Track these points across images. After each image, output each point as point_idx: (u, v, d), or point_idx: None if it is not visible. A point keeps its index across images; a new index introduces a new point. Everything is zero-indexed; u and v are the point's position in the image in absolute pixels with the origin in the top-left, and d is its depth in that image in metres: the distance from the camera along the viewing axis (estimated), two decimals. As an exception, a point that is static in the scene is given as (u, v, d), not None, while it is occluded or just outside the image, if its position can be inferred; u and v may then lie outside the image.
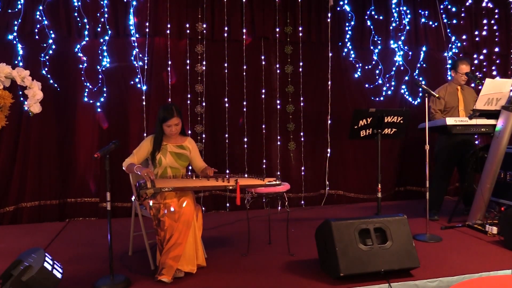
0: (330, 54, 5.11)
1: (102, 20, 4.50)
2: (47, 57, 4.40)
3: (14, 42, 4.32)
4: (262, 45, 4.91)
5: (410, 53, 5.38)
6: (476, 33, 5.65)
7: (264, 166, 4.93)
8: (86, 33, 4.47)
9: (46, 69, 4.39)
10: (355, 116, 3.89)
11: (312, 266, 2.99)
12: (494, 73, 5.74)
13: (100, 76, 4.53)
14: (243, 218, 4.08)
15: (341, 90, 5.17)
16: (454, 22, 5.54)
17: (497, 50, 5.73)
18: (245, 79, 4.86)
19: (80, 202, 4.56)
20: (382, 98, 5.29)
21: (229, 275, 2.87)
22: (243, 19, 4.82)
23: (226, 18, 4.77)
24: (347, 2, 5.11)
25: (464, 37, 5.58)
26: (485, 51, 5.69)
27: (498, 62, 5.77)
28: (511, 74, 5.77)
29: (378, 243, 2.76)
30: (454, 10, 5.53)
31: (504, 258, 3.08)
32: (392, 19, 5.29)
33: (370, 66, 5.25)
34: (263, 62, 4.91)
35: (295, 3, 4.97)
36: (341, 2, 5.10)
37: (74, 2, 4.42)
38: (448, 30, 5.51)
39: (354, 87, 5.23)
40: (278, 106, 4.98)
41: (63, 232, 4.07)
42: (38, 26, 4.36)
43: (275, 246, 3.50)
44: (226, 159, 4.82)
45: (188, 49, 4.73)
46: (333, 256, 2.69)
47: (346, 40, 5.15)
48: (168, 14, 4.63)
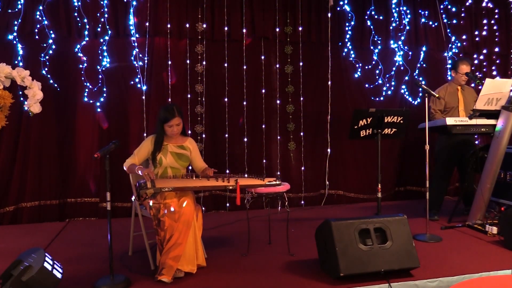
0: (330, 54, 5.11)
1: (102, 20, 4.50)
2: (47, 57, 4.40)
3: (14, 42, 4.32)
4: (262, 45, 4.91)
5: (410, 53, 5.38)
6: (476, 33, 5.65)
7: (264, 166, 4.93)
8: (86, 33, 4.47)
9: (46, 69, 4.39)
10: (355, 116, 3.89)
11: (312, 266, 2.99)
12: (494, 73, 5.74)
13: (100, 76, 4.53)
14: (243, 218, 4.08)
15: (341, 90, 5.17)
16: (454, 22, 5.54)
17: (497, 50, 5.73)
18: (245, 79, 4.86)
19: (80, 202, 4.56)
20: (382, 98, 5.29)
21: (229, 275, 2.87)
22: (243, 19, 4.82)
23: (226, 18, 4.77)
24: (347, 2, 5.11)
25: (464, 37, 5.58)
26: (485, 51, 5.69)
27: (498, 62, 5.77)
28: (511, 74, 5.77)
29: (378, 243, 2.76)
30: (454, 10, 5.53)
31: (504, 258, 3.08)
32: (392, 19, 5.29)
33: (370, 66, 5.25)
34: (263, 62, 4.91)
35: (295, 3, 4.97)
36: (341, 2, 5.10)
37: (74, 2, 4.42)
38: (448, 30, 5.51)
39: (354, 87, 5.23)
40: (278, 106, 4.98)
41: (63, 232, 4.07)
42: (38, 26, 4.36)
43: (275, 246, 3.50)
44: (226, 159, 4.82)
45: (188, 49, 4.73)
46: (333, 256, 2.69)
47: (346, 40, 5.15)
48: (168, 14, 4.64)
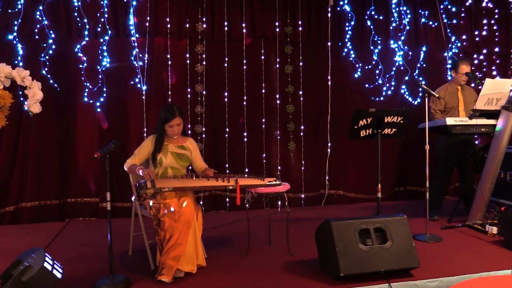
0: (330, 54, 5.11)
1: (102, 20, 4.50)
2: (47, 57, 4.40)
3: (14, 42, 4.32)
4: (262, 45, 4.91)
5: (410, 53, 5.38)
6: (476, 33, 5.65)
7: (264, 166, 4.93)
8: (86, 33, 4.47)
9: (46, 69, 4.39)
10: (355, 116, 3.89)
11: (312, 266, 2.99)
12: (494, 73, 5.74)
13: (100, 76, 4.53)
14: (243, 218, 4.08)
15: (341, 90, 5.17)
16: (454, 22, 5.54)
17: (497, 50, 5.73)
18: (245, 79, 4.86)
19: (80, 202, 4.56)
20: (382, 98, 5.29)
21: (229, 275, 2.87)
22: (243, 19, 4.82)
23: (226, 18, 4.78)
24: (347, 2, 5.11)
25: (464, 37, 5.58)
26: (485, 51, 5.68)
27: (498, 62, 5.77)
28: (511, 74, 5.77)
29: (378, 243, 2.76)
30: (454, 10, 5.53)
31: (504, 258, 3.08)
32: (392, 19, 5.29)
33: (370, 66, 5.25)
34: (263, 62, 4.91)
35: (295, 3, 4.97)
36: (341, 2, 5.10)
37: (74, 2, 4.42)
38: (448, 30, 5.51)
39: (354, 87, 5.23)
40: (278, 106, 4.98)
41: (63, 232, 4.07)
42: (38, 26, 4.36)
43: (275, 246, 3.50)
44: (226, 159, 4.82)
45: (188, 49, 4.73)
46: (333, 256, 2.69)
47: (346, 40, 5.15)
48: (168, 14, 4.64)
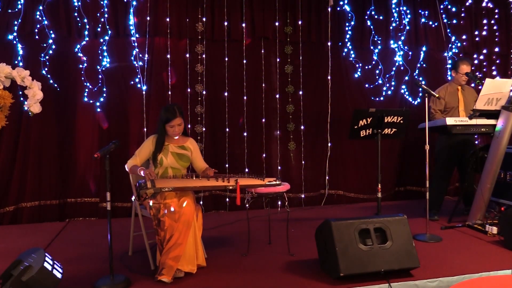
0: (330, 54, 5.11)
1: (102, 20, 4.50)
2: (47, 57, 4.40)
3: (14, 42, 4.32)
4: (262, 45, 4.91)
5: (410, 53, 5.38)
6: (476, 33, 5.65)
7: (264, 166, 4.93)
8: (86, 33, 4.47)
9: (46, 69, 4.39)
10: (355, 116, 3.89)
11: (312, 266, 2.99)
12: (494, 73, 5.74)
13: (100, 76, 4.53)
14: (243, 218, 4.08)
15: (341, 90, 5.17)
16: (454, 22, 5.54)
17: (497, 50, 5.73)
18: (245, 79, 4.86)
19: (80, 202, 4.56)
20: (382, 98, 5.29)
21: (229, 275, 2.87)
22: (243, 19, 4.82)
23: (226, 18, 4.78)
24: (347, 2, 5.11)
25: (464, 37, 5.58)
26: (485, 51, 5.68)
27: (498, 62, 5.77)
28: (511, 74, 5.77)
29: (378, 243, 2.76)
30: (454, 10, 5.53)
31: (504, 258, 3.08)
32: (392, 19, 5.29)
33: (370, 66, 5.25)
34: (263, 62, 4.91)
35: (295, 3, 4.97)
36: (341, 2, 5.10)
37: (74, 2, 4.42)
38: (448, 30, 5.51)
39: (354, 87, 5.23)
40: (278, 106, 4.98)
41: (63, 232, 4.07)
42: (38, 26, 4.36)
43: (275, 246, 3.50)
44: (226, 159, 4.82)
45: (188, 49, 4.73)
46: (333, 256, 2.69)
47: (346, 40, 5.15)
48: (168, 14, 4.63)
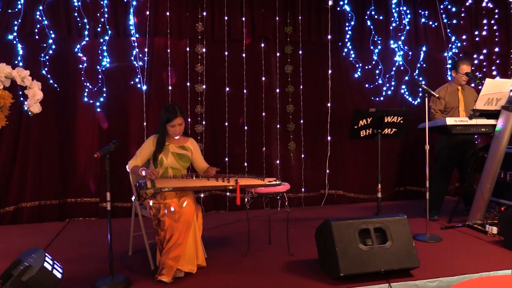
0: (330, 54, 5.11)
1: (102, 20, 4.50)
2: (47, 57, 4.40)
3: (14, 42, 4.32)
4: (262, 45, 4.91)
5: (410, 53, 5.38)
6: (476, 33, 5.65)
7: (264, 166, 4.93)
8: (86, 33, 4.47)
9: (46, 69, 4.39)
10: (355, 116, 3.89)
11: (312, 266, 2.99)
12: (494, 73, 5.74)
13: (100, 76, 4.53)
14: (243, 218, 4.07)
15: (341, 90, 5.17)
16: (454, 22, 5.54)
17: (497, 50, 5.73)
18: (245, 79, 4.86)
19: (80, 202, 4.56)
20: (382, 98, 5.29)
21: (229, 275, 2.87)
22: (243, 19, 4.82)
23: (226, 18, 4.78)
24: (347, 2, 5.11)
25: (464, 37, 5.58)
26: (485, 51, 5.68)
27: (498, 62, 5.77)
28: (511, 74, 5.77)
29: (378, 243, 2.76)
30: (454, 10, 5.53)
31: (504, 258, 3.08)
32: (392, 19, 5.29)
33: (370, 66, 5.25)
34: (263, 62, 4.91)
35: (295, 3, 4.97)
36: (341, 2, 5.10)
37: (74, 2, 4.42)
38: (448, 30, 5.51)
39: (354, 87, 5.23)
40: (278, 106, 4.98)
41: (63, 232, 4.07)
42: (38, 26, 4.36)
43: (275, 246, 3.50)
44: (226, 159, 4.83)
45: (188, 49, 4.73)
46: (333, 256, 2.69)
47: (346, 40, 5.15)
48: (168, 14, 4.64)
